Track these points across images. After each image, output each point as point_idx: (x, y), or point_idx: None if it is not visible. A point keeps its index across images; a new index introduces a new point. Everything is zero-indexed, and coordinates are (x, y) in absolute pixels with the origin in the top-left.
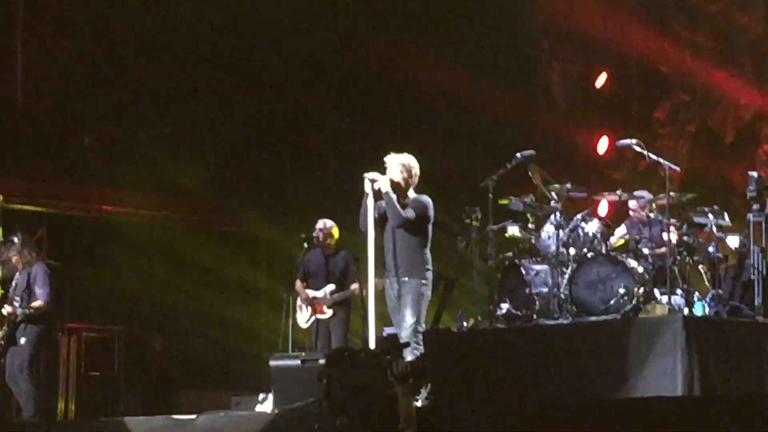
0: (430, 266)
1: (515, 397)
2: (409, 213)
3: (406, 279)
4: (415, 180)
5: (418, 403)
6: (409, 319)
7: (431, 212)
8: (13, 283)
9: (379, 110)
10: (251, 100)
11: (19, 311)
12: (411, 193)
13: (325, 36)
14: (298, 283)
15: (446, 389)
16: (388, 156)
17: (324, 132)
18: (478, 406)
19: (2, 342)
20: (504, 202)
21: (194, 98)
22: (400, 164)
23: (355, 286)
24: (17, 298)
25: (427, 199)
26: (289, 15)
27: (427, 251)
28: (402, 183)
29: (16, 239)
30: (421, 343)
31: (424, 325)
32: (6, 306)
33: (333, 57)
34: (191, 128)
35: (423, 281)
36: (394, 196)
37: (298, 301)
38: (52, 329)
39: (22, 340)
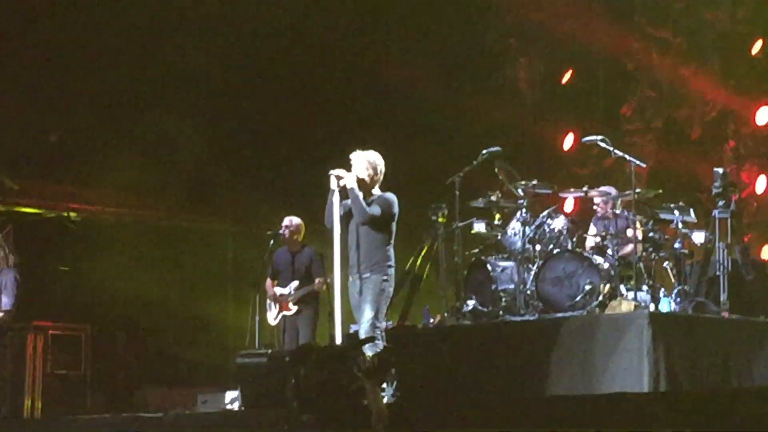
0: (392, 263)
1: (481, 393)
2: (375, 210)
3: (368, 275)
4: (380, 177)
5: (385, 399)
6: (367, 313)
7: (396, 209)
8: None
9: (345, 107)
10: (218, 100)
11: None
12: (376, 190)
13: (290, 36)
14: (268, 282)
15: (413, 386)
16: (354, 153)
17: (290, 129)
18: (445, 402)
19: None
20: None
21: (162, 96)
22: (365, 161)
23: (318, 281)
24: None
25: (391, 196)
26: (252, 14)
27: (391, 248)
28: (367, 180)
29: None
30: (380, 338)
31: (384, 321)
32: None
33: (296, 56)
34: (159, 126)
35: (384, 277)
36: (359, 193)
37: (267, 299)
38: (8, 331)
39: None
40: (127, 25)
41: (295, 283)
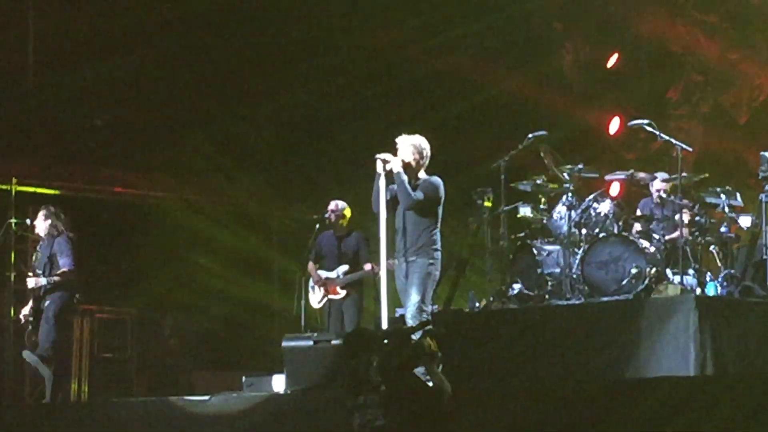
0: (439, 247)
1: (527, 377)
2: (419, 195)
3: (414, 258)
4: (426, 161)
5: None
6: (413, 297)
7: (441, 193)
8: (35, 256)
9: (392, 91)
10: (262, 82)
11: (42, 281)
12: (422, 174)
13: (339, 17)
14: (311, 265)
15: (458, 369)
16: (400, 137)
17: (336, 113)
18: (490, 385)
19: (30, 317)
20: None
21: (205, 79)
22: (411, 145)
23: (368, 266)
24: (39, 271)
25: (437, 180)
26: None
27: (437, 232)
28: (413, 164)
29: (50, 209)
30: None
31: (430, 305)
32: (30, 279)
33: (345, 38)
34: (203, 109)
35: (431, 261)
36: (405, 177)
37: (311, 282)
38: (74, 298)
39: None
40: (168, 8)
41: (344, 267)
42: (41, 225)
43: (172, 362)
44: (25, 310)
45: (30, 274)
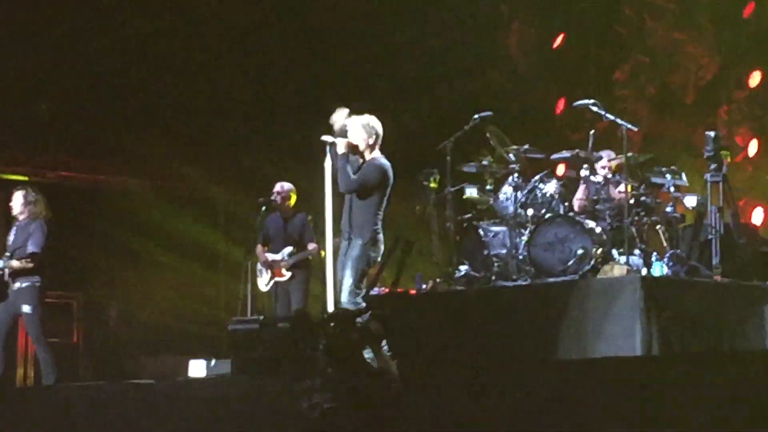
0: (378, 229)
1: (473, 358)
2: (355, 178)
3: (353, 239)
4: (376, 141)
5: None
6: (347, 280)
7: (384, 176)
8: (9, 238)
9: (337, 71)
10: (209, 66)
11: (0, 263)
12: (374, 154)
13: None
14: (259, 248)
15: (404, 352)
16: (349, 118)
17: (282, 93)
18: (437, 367)
19: None
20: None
21: (153, 64)
22: (360, 126)
23: (312, 246)
24: (7, 254)
25: (382, 162)
26: None
27: (379, 214)
28: (362, 144)
29: (29, 191)
30: (361, 303)
31: (363, 288)
32: None
33: (288, 17)
34: (150, 94)
35: (368, 242)
36: (346, 161)
37: (258, 265)
38: (45, 288)
39: (27, 308)
40: None
41: (289, 249)
42: (21, 207)
43: (117, 347)
44: None
45: None
